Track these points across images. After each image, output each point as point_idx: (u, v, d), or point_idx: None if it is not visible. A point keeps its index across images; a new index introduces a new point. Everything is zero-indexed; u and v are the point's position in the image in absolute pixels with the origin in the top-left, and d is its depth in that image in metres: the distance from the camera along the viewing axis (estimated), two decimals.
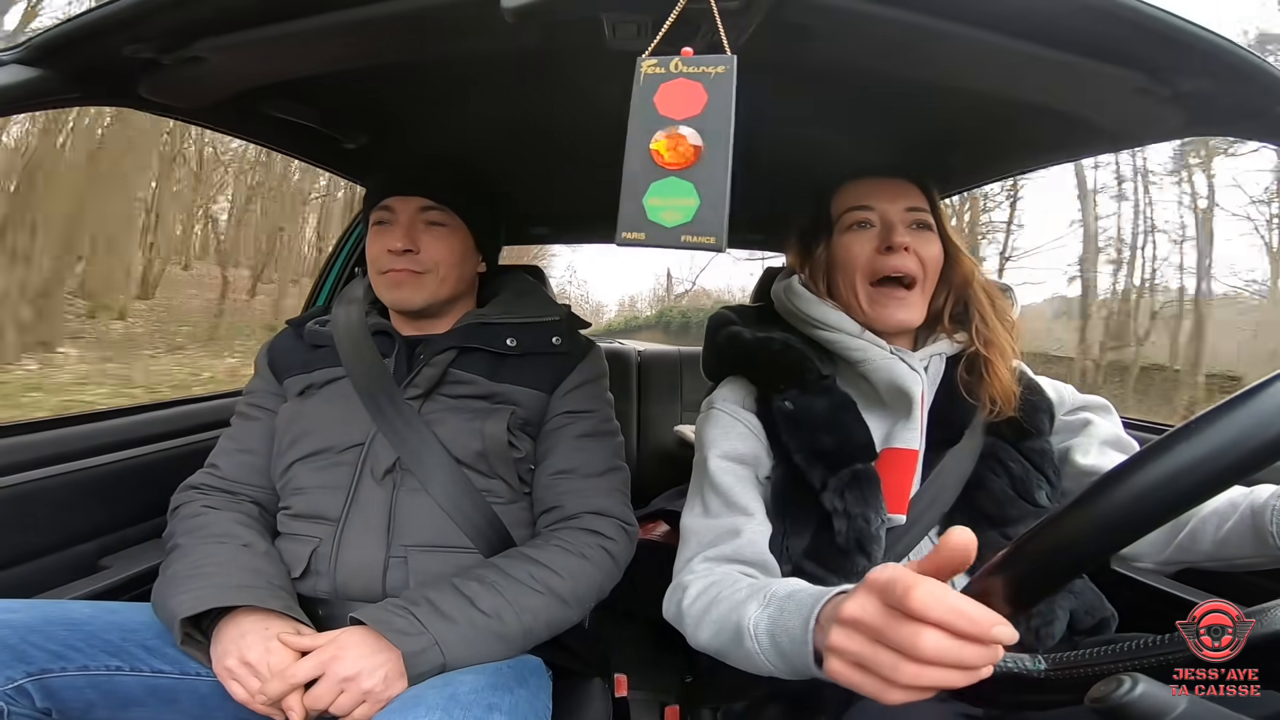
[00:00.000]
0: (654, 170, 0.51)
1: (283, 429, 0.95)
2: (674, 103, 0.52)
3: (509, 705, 0.70)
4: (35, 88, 0.70)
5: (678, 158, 0.51)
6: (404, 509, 0.88)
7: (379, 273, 0.98)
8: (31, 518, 1.03)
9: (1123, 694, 0.38)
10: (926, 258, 0.83)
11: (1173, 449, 0.40)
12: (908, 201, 0.85)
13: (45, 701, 0.69)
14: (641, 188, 0.52)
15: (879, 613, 0.45)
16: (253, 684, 0.71)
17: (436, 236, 0.97)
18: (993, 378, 0.81)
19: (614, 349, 2.41)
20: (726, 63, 0.52)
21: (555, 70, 0.84)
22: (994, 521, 0.79)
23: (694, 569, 0.78)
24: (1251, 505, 0.67)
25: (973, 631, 0.42)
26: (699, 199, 0.51)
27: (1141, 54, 0.64)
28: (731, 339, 0.90)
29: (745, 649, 0.63)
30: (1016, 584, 0.45)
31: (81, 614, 0.77)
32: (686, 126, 0.51)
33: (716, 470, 0.83)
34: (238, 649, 0.73)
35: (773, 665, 0.61)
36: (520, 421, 0.95)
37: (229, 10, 0.66)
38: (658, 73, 0.52)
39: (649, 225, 0.52)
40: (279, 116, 0.97)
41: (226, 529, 0.88)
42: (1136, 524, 0.41)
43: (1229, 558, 0.70)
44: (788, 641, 0.58)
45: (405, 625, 0.74)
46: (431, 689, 0.69)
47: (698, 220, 0.51)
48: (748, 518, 0.80)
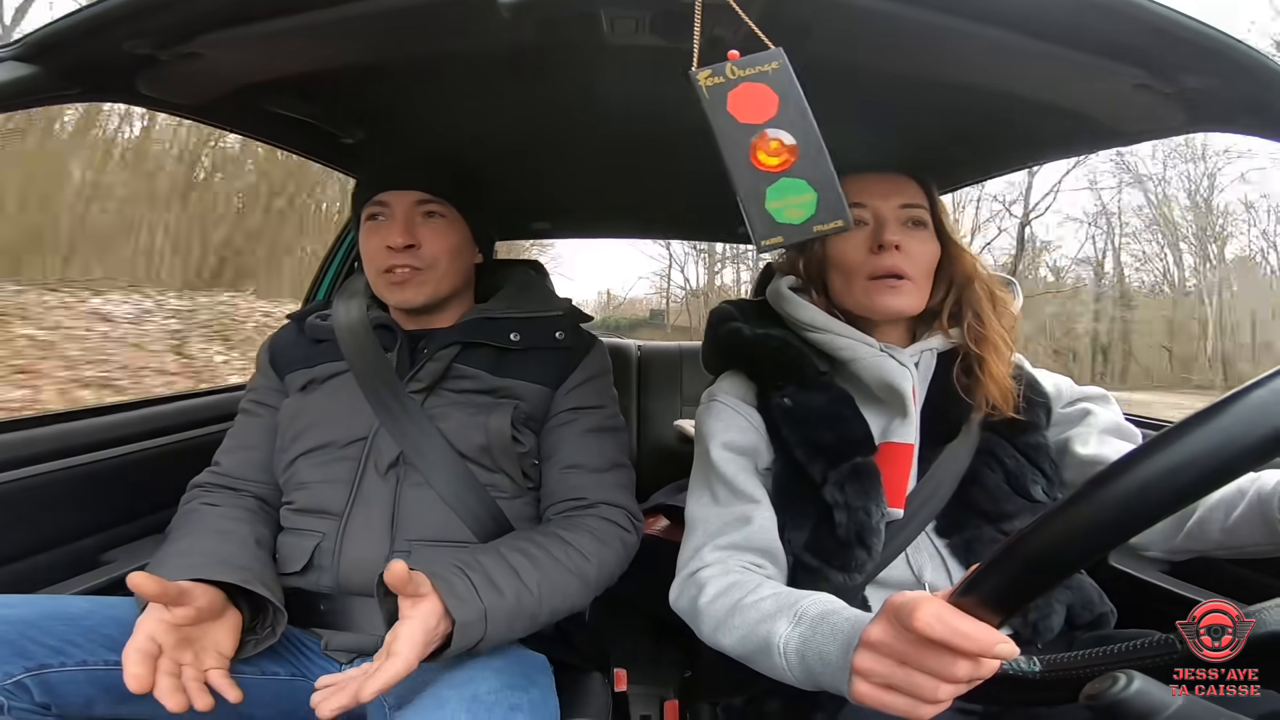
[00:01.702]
0: (763, 177, 0.54)
1: (285, 424, 0.95)
2: (748, 108, 0.53)
3: (528, 705, 0.70)
4: (33, 84, 0.69)
5: (780, 161, 0.54)
6: (407, 503, 0.88)
7: (379, 271, 0.96)
8: (32, 513, 1.03)
9: (1118, 691, 0.39)
10: (918, 255, 0.83)
11: (1148, 458, 0.38)
12: (902, 198, 0.84)
13: (44, 696, 0.69)
14: (760, 196, 0.54)
15: (900, 636, 0.49)
16: (131, 664, 0.68)
17: (436, 230, 0.96)
18: (987, 377, 0.81)
19: (614, 344, 2.41)
20: (777, 57, 0.53)
21: (554, 65, 0.84)
22: (989, 517, 0.79)
23: (704, 558, 0.78)
24: (1259, 493, 0.66)
25: (975, 650, 0.45)
26: (815, 191, 0.54)
27: (1142, 50, 0.63)
28: (731, 335, 0.90)
29: (773, 662, 0.64)
30: (1004, 590, 0.45)
31: (80, 609, 0.77)
32: (771, 128, 0.53)
33: (720, 460, 0.83)
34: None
35: (796, 679, 0.62)
36: (524, 416, 0.94)
37: (227, 6, 0.66)
38: (718, 83, 0.53)
39: (781, 228, 0.55)
40: (278, 112, 0.97)
41: (211, 521, 0.87)
42: (1096, 545, 0.41)
43: (1238, 546, 0.69)
44: (820, 666, 0.59)
45: (463, 590, 0.71)
46: (452, 689, 0.69)
47: (821, 210, 0.54)
48: (755, 505, 0.81)
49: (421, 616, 0.67)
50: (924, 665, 0.48)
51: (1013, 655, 0.45)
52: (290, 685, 0.84)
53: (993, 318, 0.83)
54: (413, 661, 0.64)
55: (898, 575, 0.79)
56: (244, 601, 0.80)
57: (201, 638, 0.74)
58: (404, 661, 0.63)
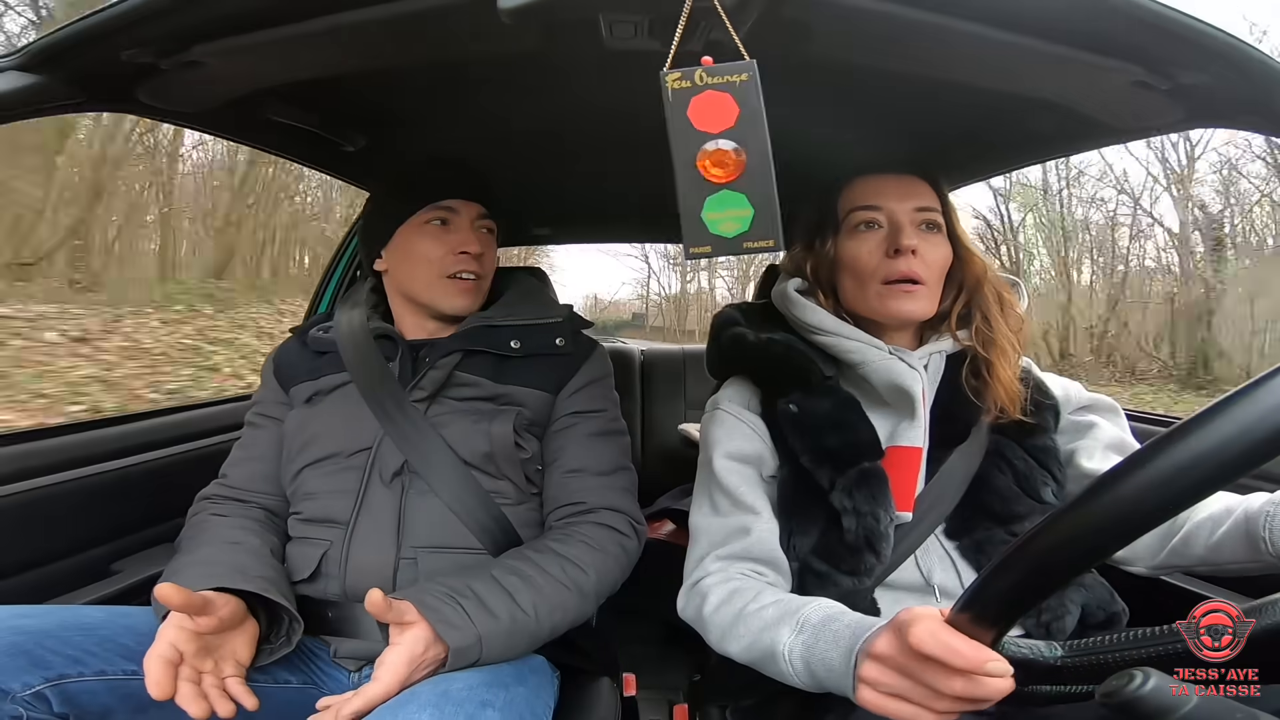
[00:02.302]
0: (705, 186, 0.54)
1: (291, 436, 0.95)
2: (707, 116, 0.53)
3: (503, 702, 0.69)
4: (35, 94, 0.70)
5: (725, 172, 0.53)
6: (413, 511, 0.88)
7: (443, 275, 0.97)
8: (44, 523, 1.04)
9: (1134, 689, 0.38)
10: (933, 261, 0.82)
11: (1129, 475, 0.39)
12: (917, 201, 0.83)
13: (63, 707, 0.70)
14: (698, 205, 0.54)
15: (902, 649, 0.51)
16: (153, 671, 0.68)
17: (487, 245, 1.01)
18: (994, 380, 0.81)
19: (617, 348, 2.41)
20: (749, 69, 0.53)
21: (553, 71, 0.84)
22: (999, 519, 0.79)
23: (707, 568, 0.80)
24: (1246, 511, 0.68)
25: (965, 667, 0.47)
26: (752, 209, 0.54)
27: (1140, 47, 0.63)
28: (735, 340, 0.90)
29: (779, 669, 0.66)
30: (993, 608, 0.46)
31: (95, 619, 0.77)
32: (725, 140, 0.53)
33: (722, 470, 0.83)
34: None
35: (803, 684, 0.64)
36: (526, 422, 0.95)
37: (227, 15, 0.66)
38: (684, 87, 0.53)
39: (712, 239, 0.55)
40: (278, 120, 0.97)
41: (222, 532, 0.88)
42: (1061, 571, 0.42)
43: (1221, 562, 0.71)
44: (825, 671, 0.60)
45: (455, 618, 0.72)
46: (424, 685, 0.69)
47: (755, 227, 0.54)
48: (755, 516, 0.81)
49: (407, 644, 0.69)
50: (923, 679, 0.50)
51: (1005, 673, 0.47)
52: (301, 693, 0.85)
53: (1001, 321, 0.83)
54: (393, 687, 0.67)
55: (907, 578, 0.79)
56: (261, 611, 0.80)
57: (221, 646, 0.75)
58: (383, 687, 0.66)
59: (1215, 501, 0.73)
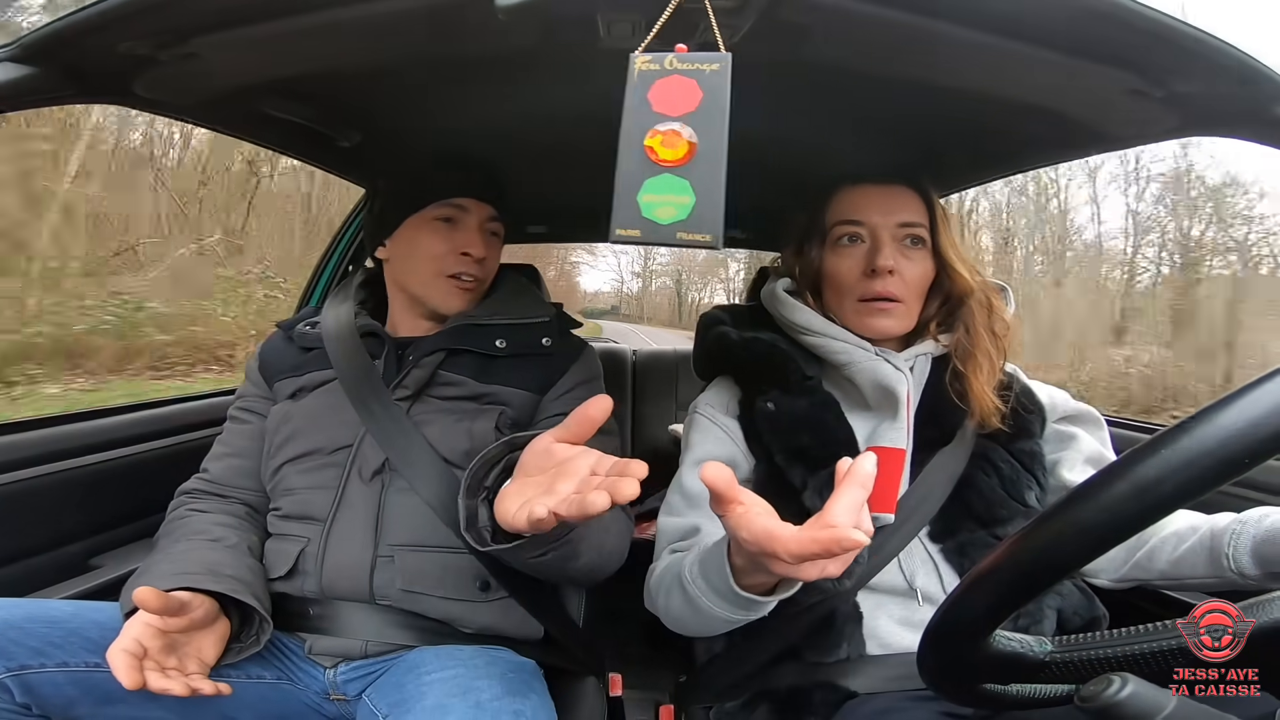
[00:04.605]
0: (649, 167, 0.50)
1: (273, 431, 0.95)
2: (668, 99, 0.51)
3: (530, 711, 0.71)
4: (30, 85, 0.69)
5: (673, 155, 0.50)
6: (392, 509, 0.88)
7: (444, 274, 0.97)
8: (21, 517, 1.02)
9: (1112, 694, 0.38)
10: (911, 278, 0.83)
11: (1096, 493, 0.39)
12: (901, 215, 0.84)
13: (25, 697, 0.70)
14: (636, 184, 0.51)
15: (741, 552, 0.56)
16: (119, 664, 0.67)
17: (491, 249, 1.01)
18: (969, 393, 0.81)
19: (608, 349, 2.41)
20: (721, 60, 0.51)
21: (550, 69, 0.84)
22: (983, 521, 0.79)
23: (661, 562, 0.81)
24: (1211, 529, 0.71)
25: (785, 554, 0.53)
26: (694, 196, 0.50)
27: (1134, 55, 0.64)
28: (719, 339, 0.91)
29: (689, 596, 0.66)
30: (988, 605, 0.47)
31: (63, 612, 0.77)
32: (681, 123, 0.50)
33: (687, 474, 0.85)
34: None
35: (715, 606, 0.64)
36: (509, 422, 0.94)
37: (223, 8, 0.66)
38: (652, 69, 0.51)
39: (643, 222, 0.50)
40: (274, 115, 0.97)
41: (200, 527, 0.87)
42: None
43: (1181, 577, 0.73)
44: (715, 573, 0.61)
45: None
46: (454, 697, 0.69)
47: (694, 218, 0.50)
48: (710, 518, 0.80)
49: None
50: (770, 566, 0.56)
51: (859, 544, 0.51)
52: (275, 689, 0.84)
53: (983, 333, 0.83)
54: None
55: (889, 581, 0.79)
56: (234, 610, 0.79)
57: (186, 645, 0.74)
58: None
59: (1179, 519, 0.75)
